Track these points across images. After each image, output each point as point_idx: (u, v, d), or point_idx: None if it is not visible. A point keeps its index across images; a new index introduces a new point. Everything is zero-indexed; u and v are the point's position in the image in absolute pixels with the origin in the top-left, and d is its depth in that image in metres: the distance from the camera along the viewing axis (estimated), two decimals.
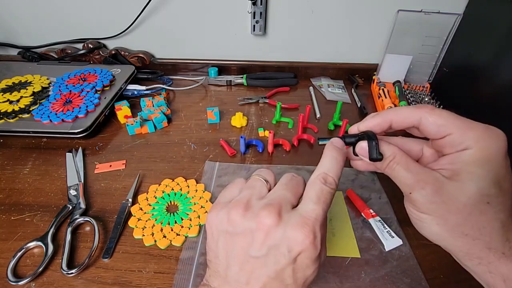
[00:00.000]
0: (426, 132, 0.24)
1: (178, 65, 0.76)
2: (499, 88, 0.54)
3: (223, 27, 0.72)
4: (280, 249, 0.22)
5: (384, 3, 0.67)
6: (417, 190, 0.23)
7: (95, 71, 0.66)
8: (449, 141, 0.23)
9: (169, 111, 0.61)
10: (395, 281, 0.36)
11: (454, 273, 0.37)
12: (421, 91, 0.68)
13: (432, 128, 0.23)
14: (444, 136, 0.23)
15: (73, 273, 0.35)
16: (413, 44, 0.67)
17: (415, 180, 0.23)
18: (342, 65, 0.77)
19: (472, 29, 0.62)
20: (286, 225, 0.22)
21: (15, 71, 0.66)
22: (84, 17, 0.71)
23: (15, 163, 0.50)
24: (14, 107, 0.56)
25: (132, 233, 0.40)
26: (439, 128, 0.23)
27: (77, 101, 0.58)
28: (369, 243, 0.40)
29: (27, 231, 0.40)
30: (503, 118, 0.53)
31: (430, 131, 0.24)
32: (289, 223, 0.22)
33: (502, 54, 0.55)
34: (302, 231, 0.22)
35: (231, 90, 0.73)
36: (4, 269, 0.35)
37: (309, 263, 0.22)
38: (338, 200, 0.45)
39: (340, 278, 0.36)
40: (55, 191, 0.45)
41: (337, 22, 0.71)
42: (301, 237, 0.21)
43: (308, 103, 0.68)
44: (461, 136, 0.22)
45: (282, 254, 0.22)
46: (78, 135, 0.52)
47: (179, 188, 0.46)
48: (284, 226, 0.22)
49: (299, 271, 0.22)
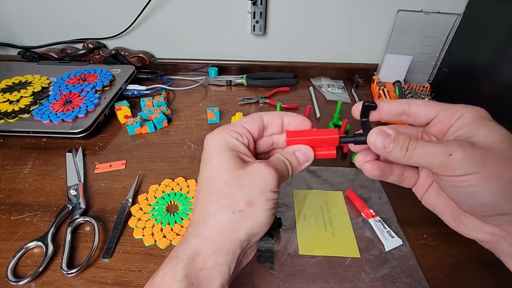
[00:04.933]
0: (416, 116, 0.25)
1: (178, 65, 0.76)
2: (499, 88, 0.54)
3: (223, 27, 0.72)
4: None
5: (384, 3, 0.67)
6: (455, 148, 0.21)
7: (95, 71, 0.66)
8: (441, 119, 0.24)
9: (169, 111, 0.61)
10: (395, 281, 0.36)
11: (454, 273, 0.37)
12: (421, 91, 0.68)
13: (420, 111, 0.24)
14: (437, 114, 0.24)
15: (73, 273, 0.35)
16: (413, 44, 0.67)
17: (445, 146, 0.21)
18: (342, 65, 0.77)
19: (472, 29, 0.62)
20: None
21: (15, 71, 0.66)
22: (84, 17, 0.71)
23: (15, 163, 0.50)
24: (14, 107, 0.56)
25: (132, 233, 0.40)
26: (428, 109, 0.24)
27: (77, 101, 0.57)
28: (369, 243, 0.40)
29: (27, 231, 0.40)
30: (503, 118, 0.52)
31: (420, 113, 0.24)
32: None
33: (502, 54, 0.55)
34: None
35: (231, 90, 0.72)
36: (4, 269, 0.35)
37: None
38: (338, 200, 0.45)
39: (340, 278, 0.36)
40: (55, 191, 0.45)
41: (337, 22, 0.71)
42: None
43: (308, 103, 0.68)
44: (450, 110, 0.23)
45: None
46: (78, 135, 0.52)
47: (179, 188, 0.46)
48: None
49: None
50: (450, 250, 0.39)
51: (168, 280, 0.23)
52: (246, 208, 0.23)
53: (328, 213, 0.44)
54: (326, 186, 0.48)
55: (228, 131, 0.26)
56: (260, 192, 0.23)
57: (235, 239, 0.23)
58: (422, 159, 0.22)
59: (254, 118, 0.27)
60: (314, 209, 0.44)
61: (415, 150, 0.22)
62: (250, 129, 0.27)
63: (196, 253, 0.23)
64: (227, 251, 0.23)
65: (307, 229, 0.41)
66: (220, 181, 0.24)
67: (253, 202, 0.23)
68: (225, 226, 0.23)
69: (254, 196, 0.23)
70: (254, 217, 0.23)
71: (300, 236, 0.40)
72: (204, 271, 0.23)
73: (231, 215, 0.23)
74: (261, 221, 0.24)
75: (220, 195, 0.24)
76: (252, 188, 0.23)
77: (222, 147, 0.25)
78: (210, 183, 0.24)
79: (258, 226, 0.24)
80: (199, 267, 0.23)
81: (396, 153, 0.22)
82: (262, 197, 0.23)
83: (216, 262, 0.23)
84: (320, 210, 0.44)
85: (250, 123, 0.27)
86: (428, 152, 0.21)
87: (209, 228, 0.23)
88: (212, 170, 0.25)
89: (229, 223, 0.23)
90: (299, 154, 0.26)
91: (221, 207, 0.23)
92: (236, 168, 0.24)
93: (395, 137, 0.22)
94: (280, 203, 0.45)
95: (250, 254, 0.26)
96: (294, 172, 0.27)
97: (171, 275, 0.23)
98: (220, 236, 0.23)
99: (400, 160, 0.23)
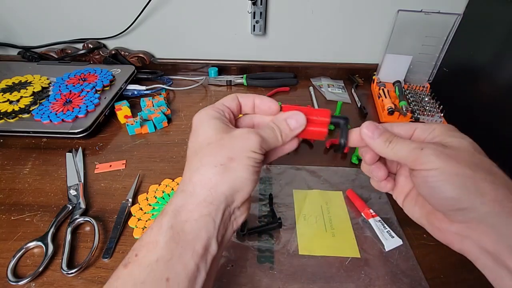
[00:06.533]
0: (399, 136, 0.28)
1: (178, 65, 0.76)
2: (499, 88, 0.54)
3: (223, 27, 0.72)
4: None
5: (384, 3, 0.67)
6: (427, 145, 0.24)
7: (95, 71, 0.66)
8: (418, 134, 0.27)
9: (169, 111, 0.61)
10: (395, 281, 0.36)
11: (454, 273, 0.37)
12: (421, 91, 0.68)
13: (400, 131, 0.28)
14: (413, 132, 0.27)
15: (73, 273, 0.35)
16: (413, 44, 0.67)
17: (420, 143, 0.25)
18: (342, 65, 0.77)
19: (472, 29, 0.62)
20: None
21: (15, 71, 0.66)
22: (84, 17, 0.71)
23: (15, 163, 0.50)
24: (14, 107, 0.56)
25: (132, 233, 0.40)
26: (406, 128, 0.28)
27: (77, 101, 0.57)
28: (369, 243, 0.40)
29: (27, 231, 0.40)
30: (503, 118, 0.53)
31: (400, 133, 0.28)
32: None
33: (502, 54, 0.55)
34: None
35: (231, 90, 0.73)
36: (4, 269, 0.35)
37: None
38: (338, 200, 0.45)
39: (340, 278, 0.36)
40: (55, 191, 0.45)
41: (337, 22, 0.71)
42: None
43: (308, 103, 0.68)
44: (425, 126, 0.27)
45: None
46: (78, 135, 0.52)
47: None
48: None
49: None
50: (450, 250, 0.39)
51: (154, 232, 0.24)
52: (228, 163, 0.24)
53: (328, 213, 0.44)
54: (326, 186, 0.48)
55: (213, 108, 0.28)
56: (241, 149, 0.25)
57: (218, 191, 0.24)
58: (401, 151, 0.25)
59: (232, 98, 0.29)
60: (314, 209, 0.44)
61: (397, 144, 0.26)
62: (230, 107, 0.29)
63: (181, 206, 0.24)
64: (210, 201, 0.24)
65: (307, 229, 0.41)
66: (204, 144, 0.26)
67: (234, 158, 0.25)
68: (207, 180, 0.24)
69: (235, 153, 0.25)
70: (236, 171, 0.25)
71: (300, 236, 0.40)
72: (189, 222, 0.24)
73: (213, 169, 0.24)
74: (242, 176, 0.25)
75: (203, 155, 0.25)
76: (233, 147, 0.25)
77: (209, 118, 0.27)
78: (196, 148, 0.26)
79: (240, 180, 0.25)
80: (184, 219, 0.24)
81: (381, 144, 0.26)
82: (243, 154, 0.25)
83: (201, 213, 0.24)
84: (320, 210, 0.44)
85: (230, 101, 0.29)
86: (407, 146, 0.25)
87: (193, 183, 0.25)
88: (199, 137, 0.26)
89: (212, 177, 0.24)
90: (290, 120, 0.28)
91: (203, 164, 0.25)
92: (220, 133, 0.26)
93: (383, 132, 0.27)
94: (280, 203, 0.45)
95: (239, 217, 0.27)
96: (286, 138, 0.28)
97: (157, 228, 0.24)
98: (203, 189, 0.24)
99: (383, 151, 0.27)
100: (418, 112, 0.62)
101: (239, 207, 0.26)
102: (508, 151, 0.50)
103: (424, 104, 0.64)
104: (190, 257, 0.23)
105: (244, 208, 0.27)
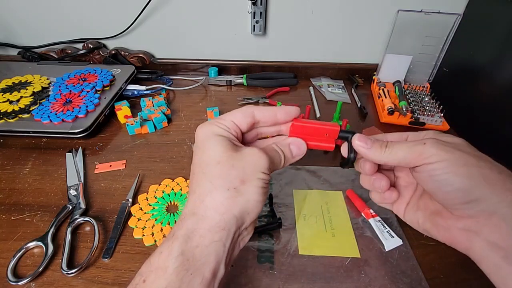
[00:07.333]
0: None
1: (178, 65, 0.76)
2: (499, 88, 0.54)
3: (223, 27, 0.72)
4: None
5: (384, 3, 0.67)
6: (428, 139, 0.24)
7: (95, 71, 0.66)
8: (410, 139, 0.27)
9: (169, 111, 0.61)
10: (395, 281, 0.36)
11: (454, 273, 0.37)
12: (421, 91, 0.68)
13: (394, 138, 0.28)
14: (406, 138, 0.28)
15: (73, 273, 0.35)
16: (413, 44, 0.67)
17: (419, 140, 0.25)
18: (342, 65, 0.77)
19: (472, 29, 0.62)
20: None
21: (15, 71, 0.66)
22: (84, 17, 0.71)
23: (15, 163, 0.50)
24: (14, 107, 0.56)
25: (132, 233, 0.40)
26: (399, 136, 0.28)
27: (77, 101, 0.57)
28: (369, 243, 0.40)
29: (27, 231, 0.40)
30: (503, 118, 0.53)
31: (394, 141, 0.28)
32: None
33: (502, 54, 0.55)
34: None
35: (231, 90, 0.73)
36: (4, 269, 0.35)
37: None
38: (338, 200, 0.45)
39: (340, 278, 0.36)
40: (55, 191, 0.45)
41: (337, 22, 0.71)
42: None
43: (308, 103, 0.68)
44: (416, 133, 0.27)
45: None
46: (78, 135, 0.52)
47: (179, 188, 0.46)
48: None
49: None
50: (450, 250, 0.39)
51: (163, 257, 0.23)
52: (240, 186, 0.24)
53: (328, 213, 0.44)
54: (326, 186, 0.48)
55: (219, 125, 0.27)
56: (252, 171, 0.25)
57: (230, 216, 0.24)
58: (399, 152, 0.25)
59: (245, 115, 0.27)
60: (314, 209, 0.44)
61: (393, 147, 0.26)
62: (240, 125, 0.27)
63: (192, 231, 0.24)
64: (222, 226, 0.24)
65: (307, 229, 0.41)
66: (213, 162, 0.25)
67: (245, 180, 0.24)
68: (220, 204, 0.24)
69: (246, 174, 0.24)
70: (247, 194, 0.24)
71: (300, 236, 0.40)
72: (199, 248, 0.23)
73: (226, 193, 0.24)
74: (254, 198, 0.25)
75: (213, 176, 0.24)
76: (244, 168, 0.25)
77: (214, 134, 0.26)
78: (204, 166, 0.25)
79: (251, 203, 0.25)
80: (195, 244, 0.23)
81: (377, 151, 0.26)
82: (253, 175, 0.25)
83: (212, 239, 0.23)
84: (320, 210, 0.44)
85: (240, 119, 0.27)
86: (404, 146, 0.25)
87: (205, 206, 0.24)
88: (204, 153, 0.26)
89: (224, 201, 0.24)
90: (293, 147, 0.28)
91: (215, 186, 0.24)
92: (228, 150, 0.25)
93: (375, 140, 0.27)
94: (280, 203, 0.45)
95: (245, 236, 0.27)
96: (286, 163, 0.28)
97: (167, 253, 0.23)
98: (216, 213, 0.24)
99: (380, 157, 0.26)
100: (418, 112, 0.62)
101: (247, 227, 0.26)
102: (508, 151, 0.50)
103: (424, 104, 0.64)
104: (198, 284, 0.22)
105: (251, 228, 0.27)
